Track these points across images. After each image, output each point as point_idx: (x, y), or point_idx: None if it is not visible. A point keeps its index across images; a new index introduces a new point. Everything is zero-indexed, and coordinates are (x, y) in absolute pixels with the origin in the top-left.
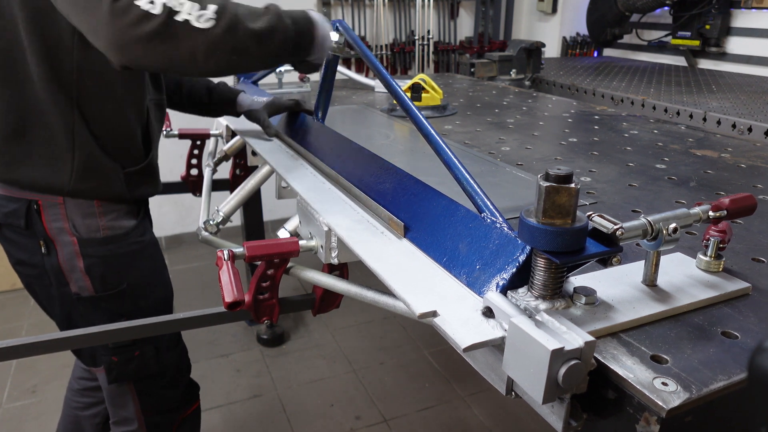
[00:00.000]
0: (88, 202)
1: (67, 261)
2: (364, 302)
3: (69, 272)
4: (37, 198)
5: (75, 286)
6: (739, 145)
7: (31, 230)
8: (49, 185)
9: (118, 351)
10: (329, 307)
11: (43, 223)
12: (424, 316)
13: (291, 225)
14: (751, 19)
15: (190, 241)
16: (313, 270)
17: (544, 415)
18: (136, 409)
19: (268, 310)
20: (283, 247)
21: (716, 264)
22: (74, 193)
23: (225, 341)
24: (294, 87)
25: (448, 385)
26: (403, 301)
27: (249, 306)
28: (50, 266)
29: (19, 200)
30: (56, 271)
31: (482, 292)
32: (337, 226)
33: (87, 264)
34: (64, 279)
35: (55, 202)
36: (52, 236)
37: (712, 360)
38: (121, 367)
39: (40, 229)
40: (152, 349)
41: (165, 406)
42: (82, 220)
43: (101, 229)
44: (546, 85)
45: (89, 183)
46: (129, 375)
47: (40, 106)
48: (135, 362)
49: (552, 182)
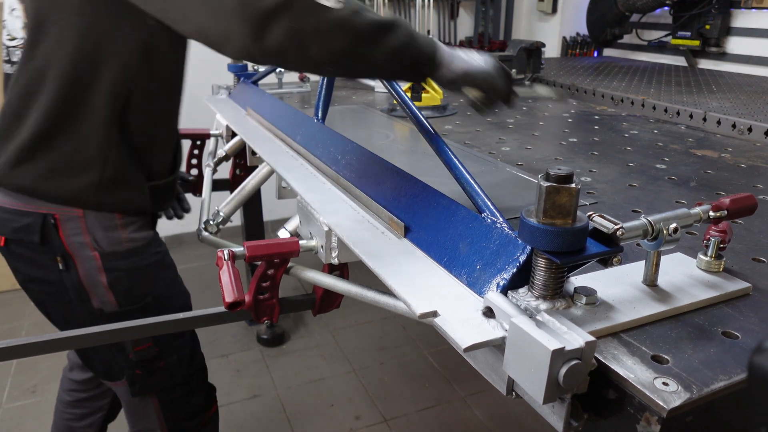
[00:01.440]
0: (110, 214)
1: (89, 276)
2: (365, 302)
3: (91, 288)
4: (54, 211)
5: (98, 301)
6: (739, 145)
7: (48, 246)
8: (73, 197)
9: (143, 364)
10: (329, 307)
11: (61, 238)
12: (424, 316)
13: (291, 225)
14: (751, 19)
15: (190, 241)
16: (313, 270)
17: (545, 415)
18: (159, 418)
19: (268, 310)
20: (283, 247)
21: (717, 264)
22: (98, 206)
23: (225, 341)
24: (294, 87)
25: (448, 385)
26: (403, 301)
27: (249, 306)
28: (70, 283)
29: (33, 214)
30: (77, 287)
31: (483, 292)
32: (337, 226)
33: (110, 279)
34: (86, 295)
35: (74, 216)
36: (71, 251)
37: (712, 360)
38: (144, 379)
39: (58, 245)
40: (176, 359)
41: (187, 413)
42: (104, 233)
43: (123, 241)
44: (546, 85)
45: (115, 196)
46: (153, 387)
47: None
48: (159, 374)
49: (552, 182)
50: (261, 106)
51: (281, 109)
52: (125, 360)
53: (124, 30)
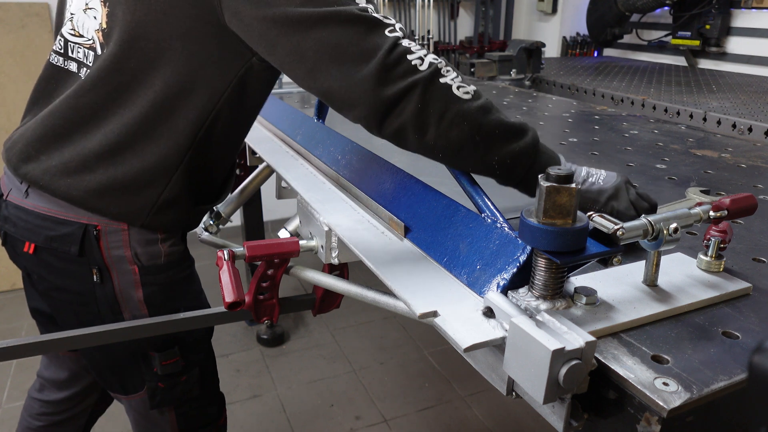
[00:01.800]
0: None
1: (124, 291)
2: (365, 302)
3: (124, 302)
4: (96, 222)
5: (129, 314)
6: (740, 145)
7: (85, 257)
8: (123, 214)
9: (167, 378)
10: (329, 307)
11: (101, 250)
12: (424, 316)
13: (291, 225)
14: (751, 19)
15: (190, 241)
16: (313, 270)
17: (545, 415)
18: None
19: (268, 310)
20: (283, 247)
21: (717, 264)
22: (145, 225)
23: (225, 341)
24: (294, 87)
25: (448, 385)
26: (403, 301)
27: (249, 306)
28: (102, 295)
29: (74, 224)
30: (109, 300)
31: (483, 292)
32: (337, 226)
33: (146, 293)
34: (118, 308)
35: (117, 228)
36: (108, 264)
37: (713, 360)
38: (166, 392)
39: (97, 257)
40: (197, 373)
41: (201, 423)
42: (145, 247)
43: (163, 255)
44: (546, 85)
45: (166, 217)
46: (172, 400)
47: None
48: (180, 387)
49: (553, 182)
50: None
51: (281, 109)
52: (149, 372)
53: (225, 61)
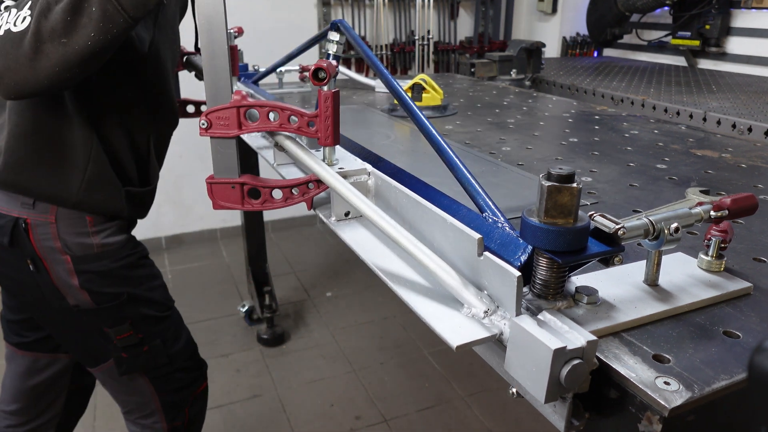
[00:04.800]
0: (81, 220)
1: (61, 278)
2: (365, 302)
3: (64, 288)
4: (25, 216)
5: (73, 299)
6: (740, 145)
7: (17, 248)
8: (55, 194)
9: (128, 349)
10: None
11: (31, 242)
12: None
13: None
14: (751, 19)
15: (190, 241)
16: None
17: (547, 414)
18: (151, 392)
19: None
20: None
21: (717, 264)
22: (77, 204)
23: (225, 341)
24: (294, 87)
25: (448, 385)
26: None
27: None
28: (42, 282)
29: (5, 216)
30: (50, 287)
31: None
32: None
33: (82, 280)
34: (60, 294)
35: (45, 221)
36: (41, 255)
37: (714, 359)
38: (131, 361)
39: (28, 248)
40: (160, 343)
41: (177, 385)
42: (75, 239)
43: (95, 246)
44: (546, 85)
45: (95, 196)
46: (139, 368)
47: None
48: (144, 356)
49: (554, 182)
50: None
51: None
52: (111, 344)
53: None
